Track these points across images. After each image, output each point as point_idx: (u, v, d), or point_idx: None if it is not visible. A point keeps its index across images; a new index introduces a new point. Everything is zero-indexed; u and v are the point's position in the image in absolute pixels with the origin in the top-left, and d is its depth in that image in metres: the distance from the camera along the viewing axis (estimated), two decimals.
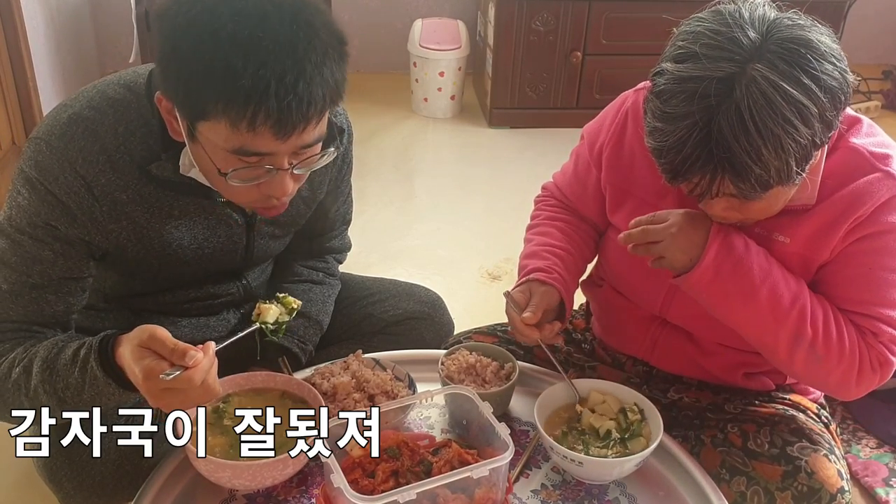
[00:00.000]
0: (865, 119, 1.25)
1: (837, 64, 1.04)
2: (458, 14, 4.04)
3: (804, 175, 1.08)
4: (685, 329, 1.40)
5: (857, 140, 1.21)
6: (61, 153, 1.16)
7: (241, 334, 1.21)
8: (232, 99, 1.00)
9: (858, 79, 1.09)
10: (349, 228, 1.65)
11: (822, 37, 1.05)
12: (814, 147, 1.05)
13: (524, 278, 1.40)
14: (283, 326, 1.30)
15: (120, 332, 1.12)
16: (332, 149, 1.16)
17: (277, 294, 1.32)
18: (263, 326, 1.27)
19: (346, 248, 1.67)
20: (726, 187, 1.07)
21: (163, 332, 1.06)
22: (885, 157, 1.20)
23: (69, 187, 1.17)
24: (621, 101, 1.42)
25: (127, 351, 1.08)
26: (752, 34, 1.04)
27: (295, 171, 1.13)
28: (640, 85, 1.38)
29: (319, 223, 1.53)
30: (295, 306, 1.32)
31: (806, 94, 1.01)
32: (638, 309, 1.44)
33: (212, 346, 1.08)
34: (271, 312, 1.28)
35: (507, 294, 1.36)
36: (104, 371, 1.11)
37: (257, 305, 1.29)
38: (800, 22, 1.06)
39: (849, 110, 1.22)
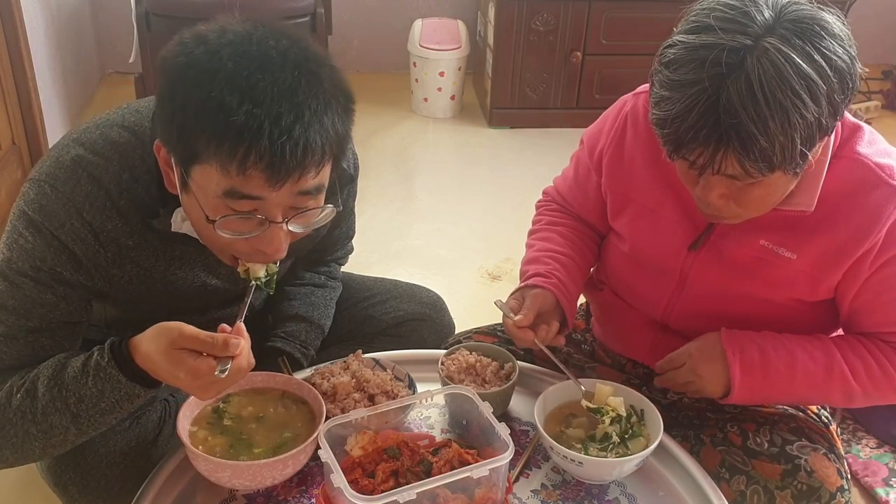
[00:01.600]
0: (866, 126, 1.24)
1: (848, 48, 1.05)
2: (458, 14, 4.04)
3: (806, 161, 1.07)
4: (686, 334, 1.39)
5: (861, 149, 1.21)
6: (67, 199, 1.13)
7: (246, 301, 1.16)
8: (223, 137, 0.96)
9: (866, 70, 1.09)
10: None
11: (835, 20, 1.06)
12: (819, 130, 1.05)
13: (519, 286, 1.40)
14: (276, 276, 1.23)
15: (125, 336, 1.11)
16: (331, 206, 1.10)
17: None
18: (257, 282, 1.20)
19: (349, 253, 1.68)
20: (729, 164, 1.06)
21: (191, 329, 1.05)
22: (891, 169, 1.20)
23: (76, 234, 1.13)
24: (620, 105, 1.41)
25: (157, 355, 1.06)
26: (766, 12, 1.05)
27: (290, 227, 1.08)
28: (640, 89, 1.38)
29: (322, 242, 1.51)
30: None
31: (816, 71, 1.02)
32: (639, 313, 1.43)
33: (242, 328, 1.09)
34: (258, 265, 1.20)
35: (497, 303, 1.36)
36: (127, 376, 1.09)
37: (240, 262, 1.19)
38: (810, 5, 1.07)
39: (849, 116, 1.22)
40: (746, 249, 1.26)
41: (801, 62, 1.01)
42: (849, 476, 1.32)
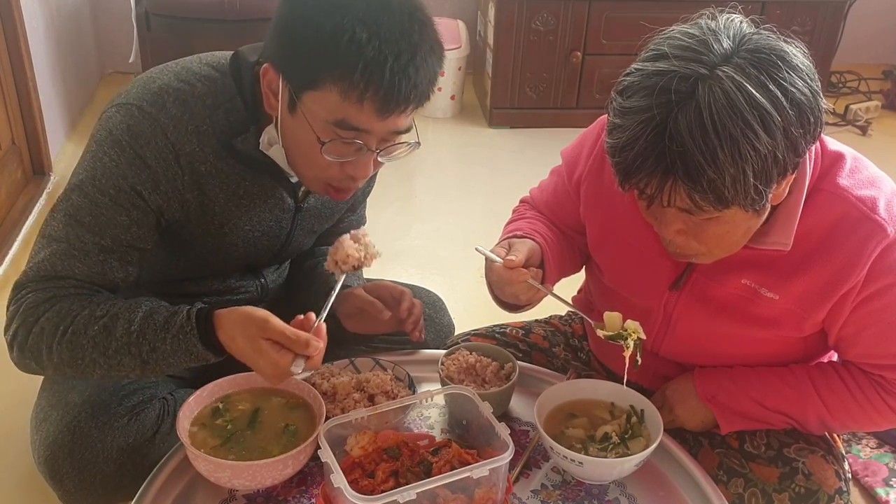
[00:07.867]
0: (849, 153, 1.19)
1: (809, 82, 1.01)
2: (458, 14, 4.04)
3: (766, 200, 1.04)
4: (677, 360, 1.39)
5: (842, 181, 1.16)
6: (154, 119, 1.21)
7: (332, 296, 1.23)
8: (350, 67, 1.09)
9: (832, 107, 1.07)
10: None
11: (798, 52, 1.03)
12: (775, 165, 1.00)
13: (502, 238, 1.34)
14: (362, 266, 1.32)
15: (211, 307, 1.19)
16: (415, 141, 1.22)
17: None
18: (345, 271, 1.28)
19: None
20: (678, 196, 1.02)
21: (276, 322, 1.13)
22: (872, 202, 1.15)
23: (159, 153, 1.21)
24: (598, 129, 1.35)
25: (242, 339, 1.14)
26: (725, 43, 1.01)
27: (379, 159, 1.20)
28: None
29: (346, 222, 1.59)
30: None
31: (771, 102, 0.97)
32: None
33: (323, 329, 1.16)
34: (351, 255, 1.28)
35: (479, 248, 1.28)
36: (204, 345, 1.17)
37: (328, 257, 1.28)
38: (774, 37, 1.04)
39: (831, 143, 1.19)
40: (729, 289, 1.23)
41: (754, 92, 0.96)
42: (849, 477, 1.32)
